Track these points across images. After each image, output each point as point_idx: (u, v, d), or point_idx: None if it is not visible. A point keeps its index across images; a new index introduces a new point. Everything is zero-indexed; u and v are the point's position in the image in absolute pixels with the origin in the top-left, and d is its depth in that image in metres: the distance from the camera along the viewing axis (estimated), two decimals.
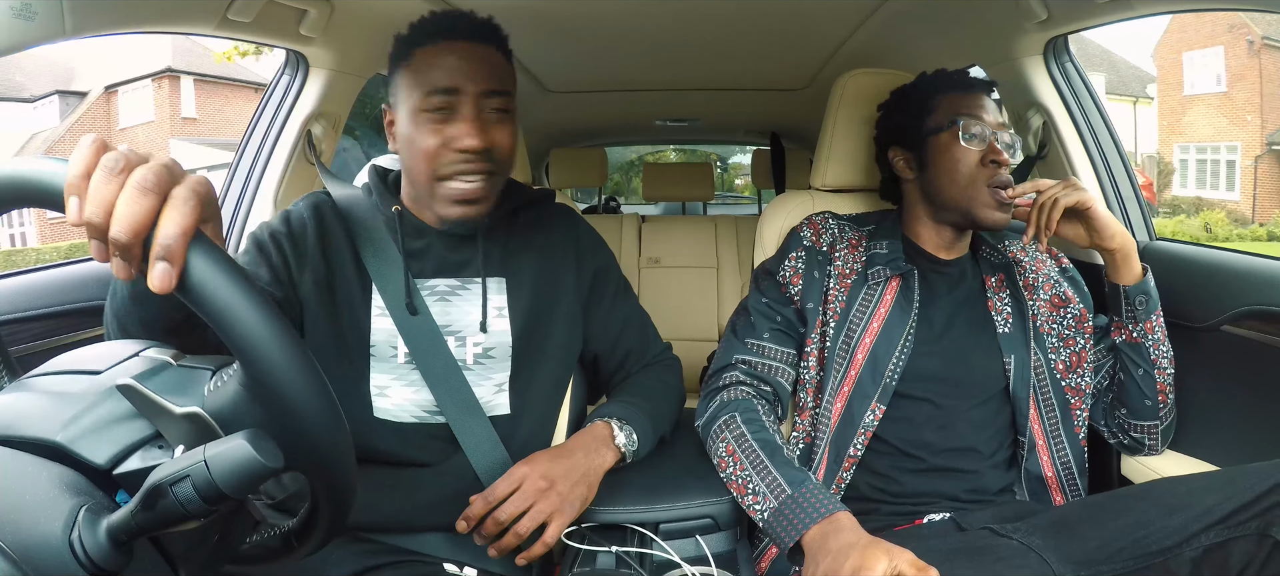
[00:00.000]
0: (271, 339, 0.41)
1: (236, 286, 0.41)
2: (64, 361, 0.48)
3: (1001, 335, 0.96)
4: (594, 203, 3.48)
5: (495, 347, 0.88)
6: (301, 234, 0.86)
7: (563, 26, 1.41)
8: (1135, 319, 0.92)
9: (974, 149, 0.95)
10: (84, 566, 0.37)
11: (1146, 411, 0.95)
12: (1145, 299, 0.92)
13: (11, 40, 0.71)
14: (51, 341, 0.92)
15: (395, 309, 0.85)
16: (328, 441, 0.44)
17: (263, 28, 1.06)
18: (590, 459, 0.81)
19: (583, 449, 0.81)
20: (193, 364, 0.48)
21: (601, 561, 0.74)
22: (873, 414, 0.92)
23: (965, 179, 0.95)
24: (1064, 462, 0.96)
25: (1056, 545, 0.77)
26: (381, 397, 0.85)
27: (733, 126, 2.99)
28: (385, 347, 0.86)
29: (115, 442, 0.43)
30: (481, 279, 0.88)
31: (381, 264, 0.86)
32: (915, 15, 1.27)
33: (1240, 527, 0.69)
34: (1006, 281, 1.00)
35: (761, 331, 0.99)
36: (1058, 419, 0.96)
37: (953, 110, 0.97)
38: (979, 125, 0.96)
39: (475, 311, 0.88)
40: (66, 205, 0.41)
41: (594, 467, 0.81)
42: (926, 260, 1.01)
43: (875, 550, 0.68)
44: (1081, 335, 0.98)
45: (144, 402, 0.43)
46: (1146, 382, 0.94)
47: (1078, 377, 0.97)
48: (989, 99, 0.99)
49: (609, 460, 0.82)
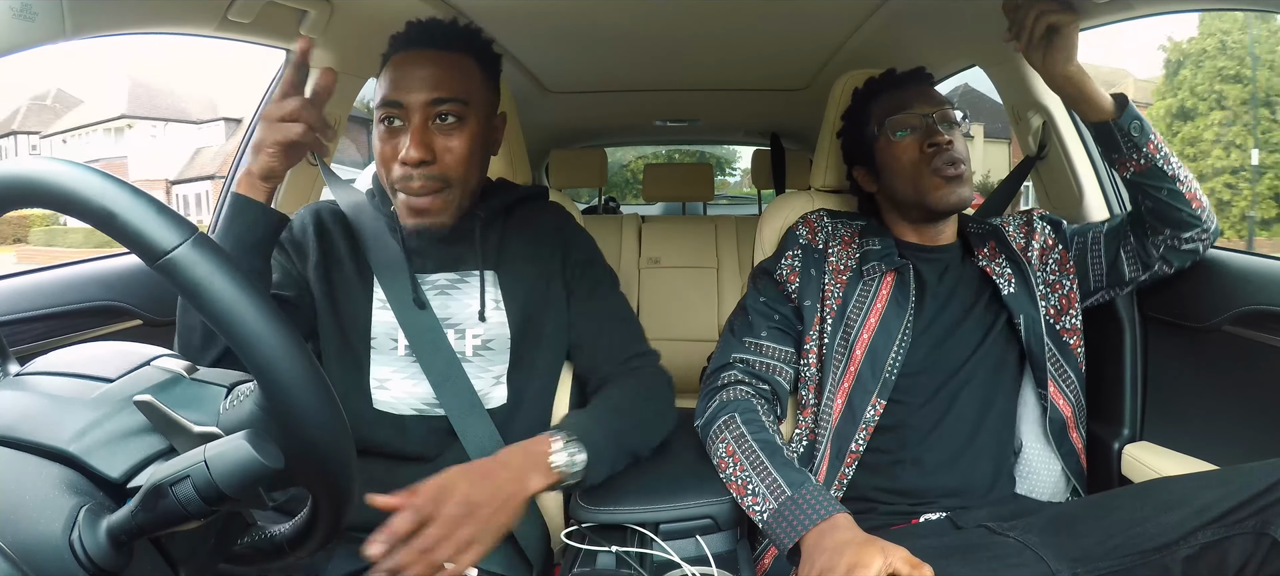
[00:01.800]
0: (288, 358, 0.41)
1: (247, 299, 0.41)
2: (69, 361, 0.48)
3: (1008, 296, 0.97)
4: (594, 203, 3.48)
5: (494, 339, 0.90)
6: (303, 235, 0.91)
7: (563, 26, 1.41)
8: (1136, 145, 0.88)
9: (909, 141, 0.98)
10: (84, 566, 0.37)
11: (1188, 220, 0.91)
12: (1138, 123, 0.88)
13: (11, 40, 0.71)
14: (51, 341, 0.92)
15: (399, 305, 0.87)
16: (336, 461, 0.45)
17: (263, 29, 1.06)
18: (518, 483, 0.71)
19: (511, 469, 0.72)
20: (206, 378, 0.48)
21: (601, 561, 0.74)
22: (873, 408, 0.92)
23: (910, 172, 0.98)
24: (1075, 396, 0.98)
25: (1053, 543, 0.77)
26: (381, 389, 0.87)
27: (733, 127, 2.99)
28: (385, 340, 0.88)
29: (130, 457, 0.43)
30: (479, 272, 0.90)
31: (384, 262, 0.89)
32: (915, 15, 1.27)
33: (1238, 526, 0.69)
34: (999, 246, 1.01)
35: (760, 330, 0.99)
36: (1060, 360, 0.98)
37: (883, 113, 1.01)
38: (908, 116, 0.98)
39: (472, 304, 0.90)
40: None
41: (517, 494, 0.71)
42: (915, 252, 1.02)
43: (870, 548, 0.69)
44: (1066, 277, 1.00)
45: (161, 419, 0.43)
46: (1175, 198, 0.90)
47: (1069, 319, 0.99)
48: (919, 88, 1.01)
49: (537, 485, 0.72)
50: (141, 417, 0.43)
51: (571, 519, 0.81)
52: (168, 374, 0.47)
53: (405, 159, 0.82)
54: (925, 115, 0.98)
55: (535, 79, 1.88)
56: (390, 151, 0.83)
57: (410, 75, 0.83)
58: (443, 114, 0.83)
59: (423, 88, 0.82)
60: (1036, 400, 0.98)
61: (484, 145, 0.90)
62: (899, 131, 0.99)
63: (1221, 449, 0.94)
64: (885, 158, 1.01)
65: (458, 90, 0.84)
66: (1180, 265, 0.96)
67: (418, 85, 0.82)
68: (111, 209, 0.40)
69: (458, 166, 0.85)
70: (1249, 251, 1.00)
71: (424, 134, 0.82)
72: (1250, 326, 0.92)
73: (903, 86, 1.02)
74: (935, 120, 0.97)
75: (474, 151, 0.87)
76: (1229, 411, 0.95)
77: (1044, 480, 0.97)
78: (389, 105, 0.83)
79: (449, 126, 0.84)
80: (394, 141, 0.83)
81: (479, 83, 0.88)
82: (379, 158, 0.85)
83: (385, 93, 0.84)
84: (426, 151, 0.82)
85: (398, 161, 0.83)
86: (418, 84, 0.82)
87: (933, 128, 0.96)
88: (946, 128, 0.97)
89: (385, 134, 0.84)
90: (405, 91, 0.82)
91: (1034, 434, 0.99)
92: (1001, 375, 0.97)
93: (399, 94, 0.82)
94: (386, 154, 0.84)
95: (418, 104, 0.82)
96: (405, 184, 0.84)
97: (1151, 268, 0.96)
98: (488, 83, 0.90)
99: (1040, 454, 0.98)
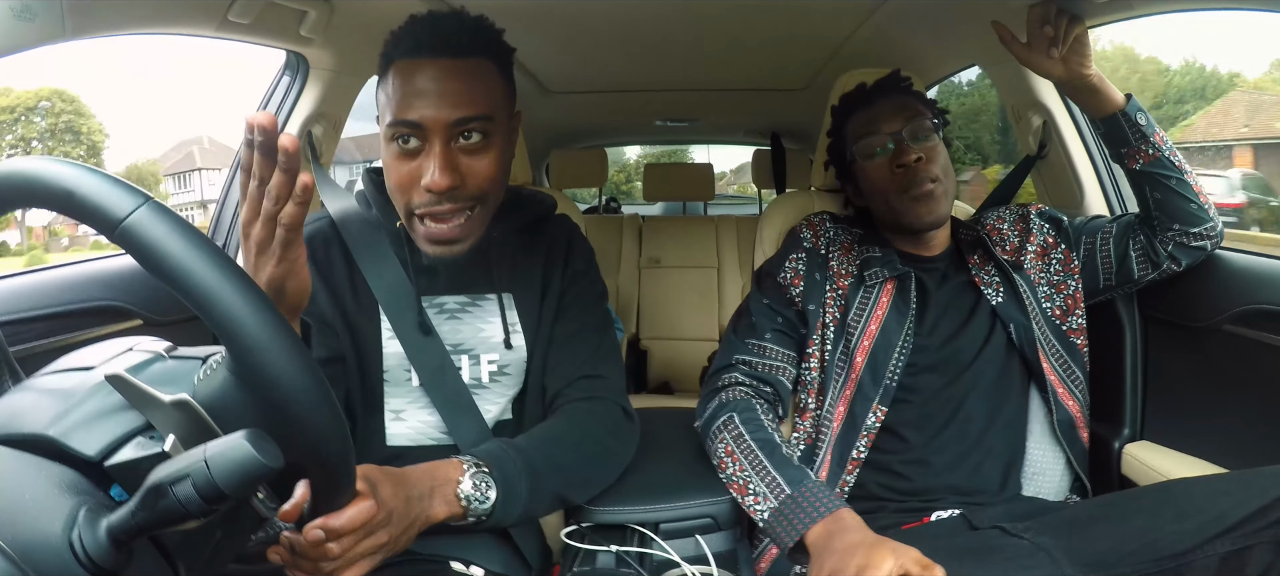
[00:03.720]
0: (253, 316, 0.41)
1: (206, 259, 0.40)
2: (62, 361, 0.48)
3: (997, 305, 0.97)
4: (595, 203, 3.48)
5: (510, 365, 0.86)
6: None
7: (563, 26, 1.41)
8: (1144, 135, 0.90)
9: (880, 163, 0.98)
10: (84, 566, 0.37)
11: (1195, 215, 0.92)
12: (1143, 114, 0.90)
13: (11, 41, 0.71)
14: (52, 341, 0.92)
15: (403, 330, 0.80)
16: (319, 428, 0.44)
17: (263, 29, 1.06)
18: (423, 506, 0.64)
19: (419, 489, 0.65)
20: (185, 354, 0.48)
21: (601, 561, 0.74)
22: (874, 415, 0.92)
23: (883, 195, 0.99)
24: (1083, 395, 0.98)
25: (1067, 546, 0.76)
26: (398, 421, 0.83)
27: (733, 126, 2.99)
28: (398, 371, 0.82)
29: (106, 434, 0.42)
30: (497, 296, 0.86)
31: (386, 284, 0.81)
32: (915, 15, 1.27)
33: (1257, 535, 0.67)
34: (986, 255, 1.00)
35: (763, 332, 0.99)
36: (1067, 359, 0.98)
37: (855, 135, 1.01)
38: (876, 138, 0.98)
39: (488, 329, 0.86)
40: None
41: (420, 517, 0.64)
42: (912, 260, 1.01)
43: (881, 549, 0.68)
44: (1071, 277, 0.99)
45: (133, 392, 0.43)
46: (1183, 187, 0.91)
47: (1076, 319, 0.99)
48: (889, 101, 1.00)
49: (438, 514, 0.65)
50: (118, 398, 0.43)
51: (571, 518, 0.82)
52: (147, 354, 0.47)
53: (432, 186, 0.73)
54: (894, 133, 0.97)
55: (535, 79, 1.89)
56: (408, 176, 0.75)
57: (426, 91, 0.73)
58: (468, 132, 0.75)
59: (444, 106, 0.72)
60: (1042, 401, 0.97)
61: (509, 157, 0.82)
62: (866, 156, 0.99)
63: (1222, 447, 0.94)
64: (861, 179, 1.02)
65: (481, 106, 0.75)
66: (1189, 263, 0.96)
67: (438, 103, 0.72)
68: (69, 187, 0.40)
69: (486, 185, 0.77)
70: (1249, 251, 1.00)
71: (449, 157, 0.73)
72: (1250, 325, 0.92)
73: (870, 103, 1.01)
74: (905, 137, 0.96)
75: (502, 168, 0.79)
76: (1229, 410, 0.95)
77: (1050, 479, 0.97)
78: (404, 125, 0.73)
79: (475, 145, 0.75)
80: (411, 165, 0.74)
81: (501, 90, 0.79)
82: (394, 181, 0.76)
83: (397, 111, 0.73)
84: (454, 177, 0.73)
85: (421, 188, 0.74)
86: (437, 102, 0.72)
87: (902, 146, 0.96)
88: (918, 142, 0.96)
89: (399, 155, 0.75)
90: (422, 110, 0.72)
91: (1040, 434, 0.98)
92: (1008, 377, 0.97)
93: (415, 113, 0.72)
94: (404, 178, 0.75)
95: (440, 125, 0.73)
96: (431, 210, 0.75)
97: (1160, 266, 0.96)
98: (508, 87, 0.81)
99: (1046, 454, 0.97)
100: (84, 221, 0.41)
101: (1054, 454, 0.97)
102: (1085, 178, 1.22)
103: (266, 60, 1.24)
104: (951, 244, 1.04)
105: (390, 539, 0.60)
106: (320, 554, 0.55)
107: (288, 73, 1.26)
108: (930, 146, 0.96)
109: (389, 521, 0.60)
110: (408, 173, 0.75)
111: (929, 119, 0.98)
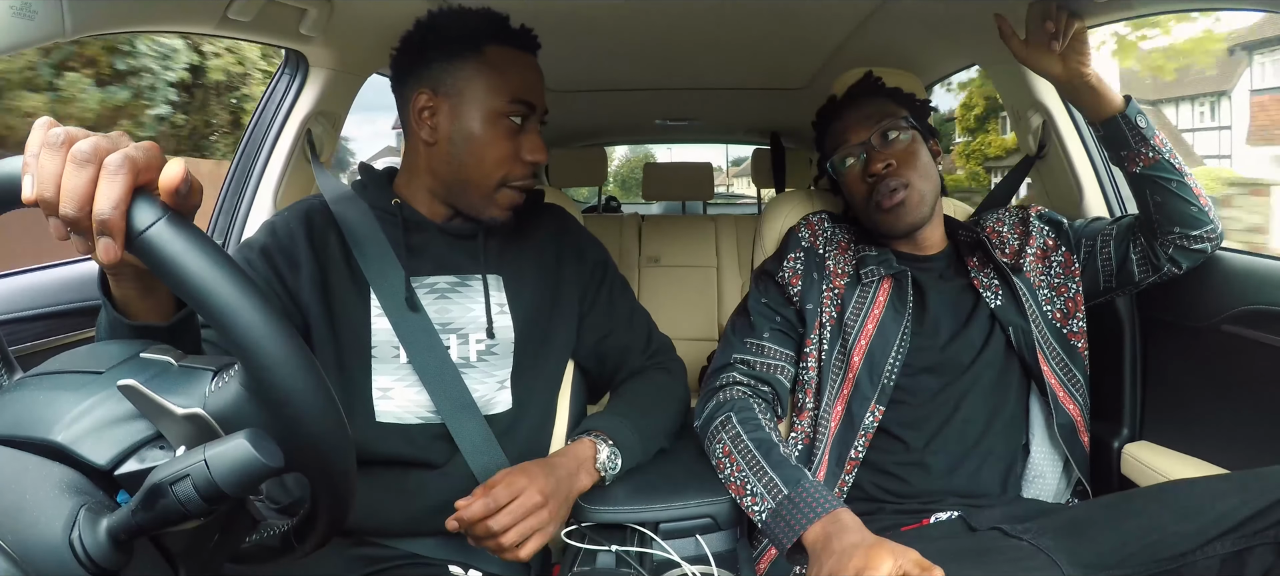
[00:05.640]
0: (268, 334, 0.41)
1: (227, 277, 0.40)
2: (64, 361, 0.48)
3: (996, 308, 0.96)
4: (594, 203, 3.48)
5: (498, 343, 0.88)
6: (290, 242, 0.85)
7: (563, 26, 1.41)
8: (1144, 138, 0.89)
9: (852, 173, 0.99)
10: (84, 566, 0.37)
11: (1195, 217, 0.92)
12: (1143, 116, 0.90)
13: (11, 40, 0.71)
14: (51, 341, 0.92)
15: (392, 307, 0.84)
16: (327, 436, 0.44)
17: (262, 27, 1.06)
18: (573, 481, 0.79)
19: (567, 470, 0.79)
20: (194, 364, 0.47)
21: (601, 560, 0.74)
22: (872, 415, 0.92)
23: (859, 203, 1.00)
24: (1083, 398, 0.98)
25: (1067, 547, 0.76)
26: (385, 399, 0.85)
27: (732, 126, 2.99)
28: (386, 348, 0.85)
29: (116, 443, 0.42)
30: (482, 276, 0.89)
31: (377, 262, 0.85)
32: (915, 15, 1.27)
33: (1257, 536, 0.67)
34: (985, 257, 1.00)
35: (761, 331, 0.99)
36: (1067, 362, 0.97)
37: (830, 146, 1.02)
38: (847, 149, 0.99)
39: (475, 308, 0.88)
40: (22, 185, 0.40)
41: (574, 491, 0.79)
42: (908, 260, 1.01)
43: (880, 550, 0.67)
44: (1071, 280, 0.99)
45: (146, 403, 0.43)
46: (1183, 190, 0.91)
47: (1076, 322, 0.99)
48: (858, 108, 1.00)
49: (586, 484, 0.81)
50: (128, 405, 0.43)
51: (571, 518, 0.81)
52: (156, 363, 0.47)
53: (534, 158, 0.86)
54: (863, 142, 0.97)
55: None
56: (510, 149, 0.85)
57: (536, 80, 0.87)
58: (543, 118, 0.89)
59: (541, 94, 0.87)
60: (1042, 404, 0.97)
61: None
62: (837, 168, 1.01)
63: (1221, 448, 0.95)
64: (842, 187, 1.03)
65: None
66: (1190, 265, 0.96)
67: (541, 91, 0.87)
68: None
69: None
70: (1249, 251, 1.00)
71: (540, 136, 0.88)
72: (1249, 325, 0.92)
73: (842, 114, 1.01)
74: (874, 145, 0.96)
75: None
76: (1228, 410, 0.95)
77: (1049, 482, 0.97)
78: (524, 104, 0.85)
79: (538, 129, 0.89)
80: (515, 140, 0.85)
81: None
82: (496, 155, 0.85)
83: (520, 91, 0.85)
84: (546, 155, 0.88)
85: (522, 159, 0.86)
86: (540, 90, 0.88)
87: (871, 154, 0.96)
88: (889, 145, 0.96)
89: (509, 131, 0.85)
90: (537, 94, 0.87)
91: (1040, 437, 0.98)
92: (1008, 380, 0.97)
93: (534, 96, 0.86)
94: (506, 151, 0.85)
95: (541, 109, 0.87)
96: (524, 180, 0.87)
97: (1161, 269, 0.96)
98: None
99: (1046, 457, 0.97)
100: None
101: (1054, 457, 0.97)
102: (1085, 178, 1.22)
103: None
104: (949, 244, 1.04)
105: (552, 516, 0.75)
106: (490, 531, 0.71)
107: (287, 71, 1.25)
108: (902, 149, 0.96)
109: (547, 503, 0.74)
110: (510, 147, 0.85)
111: (903, 116, 0.98)
